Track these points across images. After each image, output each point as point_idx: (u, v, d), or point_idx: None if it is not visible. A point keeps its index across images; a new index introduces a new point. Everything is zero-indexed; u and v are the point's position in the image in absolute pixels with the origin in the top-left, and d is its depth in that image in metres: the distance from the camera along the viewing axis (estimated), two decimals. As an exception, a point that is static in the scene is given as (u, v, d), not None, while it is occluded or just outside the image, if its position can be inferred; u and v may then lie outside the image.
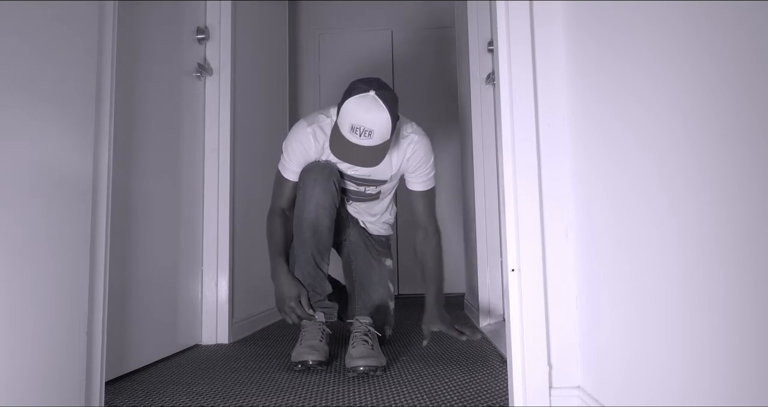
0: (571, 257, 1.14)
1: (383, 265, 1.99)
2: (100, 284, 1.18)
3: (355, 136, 1.55)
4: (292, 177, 1.82)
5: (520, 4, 1.18)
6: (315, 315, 1.72)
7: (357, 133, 1.54)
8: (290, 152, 1.78)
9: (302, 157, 1.77)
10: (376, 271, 1.97)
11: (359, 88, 1.56)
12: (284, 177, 1.83)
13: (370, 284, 1.96)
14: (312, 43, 3.97)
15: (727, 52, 0.58)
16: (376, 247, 2.01)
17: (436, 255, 1.85)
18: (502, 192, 1.21)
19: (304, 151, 1.76)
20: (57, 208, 1.03)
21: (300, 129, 1.76)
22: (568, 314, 1.13)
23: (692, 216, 0.65)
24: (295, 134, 1.77)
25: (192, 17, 2.04)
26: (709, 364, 0.63)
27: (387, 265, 2.01)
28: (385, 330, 1.90)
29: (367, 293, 1.96)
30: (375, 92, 1.54)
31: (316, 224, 1.75)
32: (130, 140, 1.57)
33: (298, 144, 1.76)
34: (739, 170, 0.56)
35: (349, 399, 1.28)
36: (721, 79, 0.59)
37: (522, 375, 1.12)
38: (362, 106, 1.53)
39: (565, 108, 1.16)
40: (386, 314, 1.93)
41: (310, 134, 1.75)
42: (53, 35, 1.03)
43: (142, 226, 1.63)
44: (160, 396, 1.33)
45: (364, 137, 1.54)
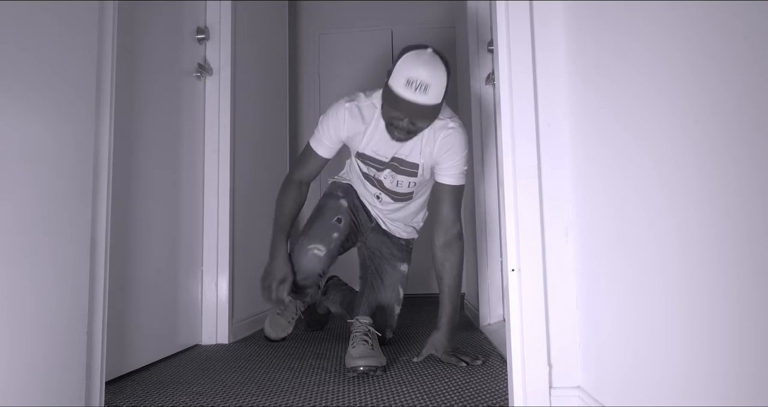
0: (571, 257, 1.14)
1: (397, 269, 1.99)
2: (100, 284, 1.18)
3: (410, 91, 1.48)
4: (320, 151, 1.79)
5: (520, 4, 1.18)
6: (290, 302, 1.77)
7: (413, 87, 1.48)
8: (324, 125, 1.76)
9: (334, 132, 1.74)
10: (388, 274, 1.98)
11: (415, 47, 1.54)
12: (313, 149, 1.80)
13: (380, 285, 1.97)
14: (312, 43, 3.97)
15: (727, 52, 0.58)
16: (393, 251, 2.01)
17: (457, 268, 1.72)
18: (502, 192, 1.21)
19: (337, 125, 1.73)
20: (57, 208, 1.03)
21: (339, 105, 1.74)
22: (568, 314, 1.13)
23: (692, 216, 0.65)
24: (334, 108, 1.75)
25: (192, 17, 2.04)
26: (708, 364, 0.63)
27: (401, 270, 2.00)
28: (386, 333, 1.89)
29: (374, 293, 1.96)
30: (432, 49, 1.52)
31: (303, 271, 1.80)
32: (130, 139, 1.57)
33: (334, 118, 1.73)
34: (739, 169, 0.56)
35: (349, 399, 1.28)
36: (720, 79, 0.59)
37: (522, 375, 1.12)
38: (420, 58, 1.49)
39: (565, 108, 1.16)
40: (389, 316, 1.93)
41: (347, 110, 1.72)
42: (53, 35, 1.03)
43: (142, 226, 1.63)
44: (160, 396, 1.33)
45: (419, 92, 1.48)
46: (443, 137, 1.68)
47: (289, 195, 1.82)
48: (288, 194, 1.82)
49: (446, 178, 1.73)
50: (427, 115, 1.54)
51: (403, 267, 2.01)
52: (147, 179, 1.67)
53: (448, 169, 1.72)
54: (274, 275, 1.73)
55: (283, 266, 1.75)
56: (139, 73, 1.63)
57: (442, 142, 1.68)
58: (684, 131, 0.67)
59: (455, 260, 1.72)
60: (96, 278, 1.17)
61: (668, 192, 0.71)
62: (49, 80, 1.01)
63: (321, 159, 1.81)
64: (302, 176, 1.84)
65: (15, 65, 0.93)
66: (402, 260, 2.01)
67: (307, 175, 1.84)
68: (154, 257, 1.71)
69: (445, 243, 1.72)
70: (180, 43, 1.93)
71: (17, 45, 0.93)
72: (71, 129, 1.07)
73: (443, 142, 1.68)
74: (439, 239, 1.73)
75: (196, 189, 2.04)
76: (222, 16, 2.15)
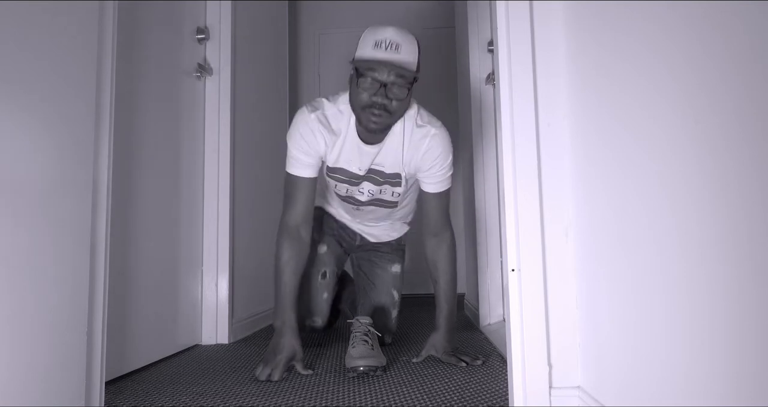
0: (571, 257, 1.14)
1: (388, 271, 1.97)
2: (100, 284, 1.18)
3: (380, 51, 1.41)
4: (305, 172, 1.59)
5: (520, 4, 1.18)
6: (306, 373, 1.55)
7: (382, 47, 1.41)
8: (296, 143, 1.58)
9: (311, 146, 1.58)
10: (380, 277, 1.96)
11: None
12: (295, 176, 1.59)
13: (372, 289, 1.96)
14: (312, 43, 3.97)
15: (727, 52, 0.58)
16: (383, 255, 1.99)
17: (451, 270, 1.70)
18: (502, 192, 1.21)
19: (312, 138, 1.57)
20: (57, 208, 1.03)
21: (305, 116, 1.58)
22: (568, 314, 1.13)
23: (692, 216, 0.65)
24: (301, 121, 1.58)
25: (192, 17, 2.04)
26: (708, 364, 0.63)
27: (393, 271, 1.97)
28: (384, 338, 1.87)
29: (369, 298, 1.96)
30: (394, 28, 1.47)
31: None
32: (130, 140, 1.57)
33: (307, 132, 1.57)
34: (739, 169, 0.56)
35: (349, 399, 1.28)
36: (720, 78, 0.59)
37: (522, 375, 1.12)
38: (381, 27, 1.46)
39: (565, 108, 1.16)
40: (387, 318, 1.92)
41: (316, 121, 1.57)
42: (53, 35, 1.03)
43: (142, 226, 1.63)
44: (160, 396, 1.33)
45: (391, 51, 1.41)
46: (428, 145, 1.59)
47: (288, 253, 1.58)
48: (286, 252, 1.58)
49: (431, 186, 1.66)
50: (404, 75, 1.44)
51: (395, 268, 1.98)
52: (147, 179, 1.67)
53: (434, 176, 1.64)
54: (282, 354, 1.50)
55: (291, 342, 1.52)
56: (139, 73, 1.63)
57: (427, 149, 1.60)
58: (684, 131, 0.67)
59: (448, 262, 1.70)
60: (96, 278, 1.17)
61: (668, 192, 0.71)
62: (49, 80, 1.01)
63: (309, 182, 1.61)
64: (298, 217, 1.60)
65: (15, 65, 0.93)
66: (393, 261, 1.99)
67: (303, 211, 1.61)
68: (154, 257, 1.71)
69: (436, 247, 1.71)
70: (180, 43, 1.93)
71: (17, 45, 0.93)
72: (71, 129, 1.07)
73: (429, 149, 1.60)
74: (430, 243, 1.71)
75: (196, 189, 2.04)
76: (222, 16, 2.15)
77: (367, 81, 1.46)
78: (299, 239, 1.61)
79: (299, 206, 1.60)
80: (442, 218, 1.70)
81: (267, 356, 1.52)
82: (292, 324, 1.54)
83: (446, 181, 1.67)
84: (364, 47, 1.46)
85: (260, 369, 1.49)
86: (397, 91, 1.47)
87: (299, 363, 1.53)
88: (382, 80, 1.45)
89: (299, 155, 1.59)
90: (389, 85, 1.46)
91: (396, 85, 1.46)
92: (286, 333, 1.52)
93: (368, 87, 1.46)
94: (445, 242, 1.71)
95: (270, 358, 1.50)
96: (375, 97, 1.46)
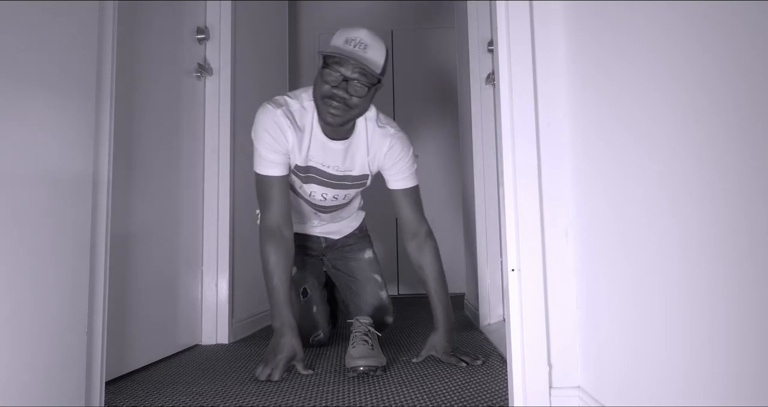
0: (571, 257, 1.14)
1: (362, 260, 2.00)
2: (100, 284, 1.18)
3: (349, 46, 1.48)
4: (276, 171, 1.58)
5: (520, 4, 1.18)
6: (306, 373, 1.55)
7: (352, 44, 1.48)
8: (264, 141, 1.56)
9: (279, 143, 1.56)
10: (357, 269, 1.99)
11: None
12: (266, 175, 1.58)
13: (355, 282, 1.98)
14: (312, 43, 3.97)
15: (727, 52, 0.58)
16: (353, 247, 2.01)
17: (436, 267, 1.71)
18: (502, 192, 1.21)
19: (278, 134, 1.55)
20: (57, 208, 1.03)
21: (269, 112, 1.56)
22: (568, 314, 1.13)
23: (692, 216, 0.65)
24: (266, 117, 1.56)
25: (192, 17, 2.04)
26: (708, 364, 0.63)
27: (366, 257, 2.00)
28: (386, 319, 1.91)
29: (355, 293, 1.98)
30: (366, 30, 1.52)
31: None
32: (130, 139, 1.57)
33: (273, 127, 1.55)
34: (739, 169, 0.56)
35: (349, 399, 1.28)
36: (720, 78, 0.59)
37: (522, 375, 1.12)
38: (354, 28, 1.51)
39: (565, 108, 1.16)
40: (383, 307, 1.94)
41: (283, 116, 1.55)
42: (53, 35, 1.03)
43: (142, 226, 1.63)
44: (160, 396, 1.33)
45: (359, 49, 1.48)
46: (390, 143, 1.66)
47: (275, 255, 1.57)
48: (272, 255, 1.57)
49: (400, 183, 1.70)
50: (366, 74, 1.48)
51: (368, 254, 2.01)
52: (147, 179, 1.67)
53: (398, 173, 1.69)
54: (282, 354, 1.50)
55: (291, 342, 1.51)
56: (139, 74, 1.63)
57: (389, 150, 1.66)
58: (684, 130, 0.67)
59: (431, 260, 1.71)
60: (96, 278, 1.17)
61: (668, 192, 0.71)
62: (49, 81, 1.01)
63: (282, 180, 1.60)
64: (277, 218, 1.59)
65: (14, 66, 0.93)
66: (363, 248, 2.02)
67: (282, 211, 1.59)
68: (154, 257, 1.71)
69: (417, 246, 1.72)
70: (180, 43, 1.93)
71: (17, 45, 0.93)
72: (71, 129, 1.07)
73: (390, 150, 1.66)
74: (411, 244, 1.73)
75: (196, 189, 2.04)
76: (222, 16, 2.15)
77: (332, 73, 1.49)
78: (283, 240, 1.59)
79: (276, 206, 1.59)
80: (416, 216, 1.73)
81: (267, 356, 1.52)
82: (291, 323, 1.54)
83: (413, 176, 1.72)
84: (335, 42, 1.51)
85: (260, 369, 1.49)
86: (358, 88, 1.50)
87: (300, 362, 1.53)
88: (346, 74, 1.48)
89: (268, 153, 1.57)
90: (351, 81, 1.49)
91: (358, 82, 1.49)
92: (286, 333, 1.52)
93: (332, 79, 1.49)
94: (426, 242, 1.72)
95: (270, 358, 1.50)
96: (336, 89, 1.50)
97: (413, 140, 4.09)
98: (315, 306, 1.94)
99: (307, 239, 2.00)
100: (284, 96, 1.63)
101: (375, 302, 1.96)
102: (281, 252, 1.58)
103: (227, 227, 2.10)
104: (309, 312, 1.93)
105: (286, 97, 1.62)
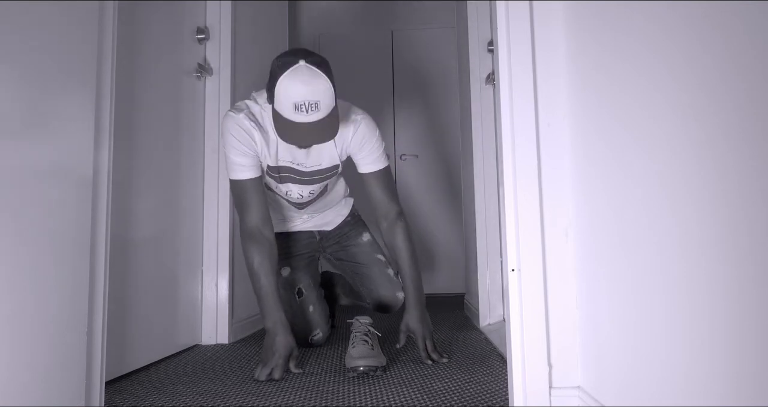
0: (571, 257, 1.14)
1: (361, 244, 2.00)
2: (100, 284, 1.18)
3: (301, 114, 1.40)
4: (248, 174, 1.60)
5: (520, 4, 1.18)
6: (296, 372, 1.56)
7: (303, 110, 1.40)
8: (232, 146, 1.57)
9: (248, 146, 1.58)
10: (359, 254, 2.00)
11: (286, 62, 1.41)
12: (240, 180, 1.60)
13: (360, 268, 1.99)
14: (312, 43, 3.97)
15: (727, 52, 0.58)
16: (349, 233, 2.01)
17: (408, 247, 1.72)
18: (502, 192, 1.21)
19: (245, 138, 1.57)
20: (57, 208, 1.03)
21: (233, 118, 1.57)
22: (568, 314, 1.13)
23: (692, 216, 0.65)
24: (231, 123, 1.57)
25: (192, 17, 2.04)
26: (708, 364, 0.63)
27: (365, 240, 2.01)
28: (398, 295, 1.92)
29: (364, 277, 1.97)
30: (304, 61, 1.40)
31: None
32: (130, 139, 1.57)
33: (239, 132, 1.56)
34: (739, 169, 0.56)
35: (349, 399, 1.28)
36: (720, 78, 0.59)
37: (522, 375, 1.12)
38: (297, 78, 1.39)
39: (565, 108, 1.16)
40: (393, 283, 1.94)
41: (246, 119, 1.57)
42: (54, 35, 1.03)
43: (142, 226, 1.63)
44: (160, 396, 1.33)
45: (311, 112, 1.40)
46: (354, 132, 1.66)
47: (258, 256, 1.58)
48: (256, 256, 1.58)
49: (369, 166, 1.72)
50: (325, 129, 1.44)
51: (365, 237, 2.02)
52: (147, 179, 1.67)
53: (367, 157, 1.70)
54: (279, 352, 1.51)
55: (286, 339, 1.53)
56: (139, 74, 1.63)
57: (355, 137, 1.67)
58: (684, 130, 0.67)
59: (402, 240, 1.73)
60: (96, 278, 1.17)
61: (668, 192, 0.71)
62: (49, 80, 1.01)
63: (256, 182, 1.62)
64: (257, 220, 1.61)
65: (15, 66, 0.93)
66: (359, 233, 2.02)
67: (260, 212, 1.61)
68: (154, 257, 1.71)
69: (387, 227, 1.75)
70: (180, 43, 1.93)
71: (18, 45, 0.93)
72: (71, 128, 1.07)
73: (355, 135, 1.66)
74: (382, 225, 1.76)
75: (196, 189, 2.04)
76: (222, 16, 2.15)
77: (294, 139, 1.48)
78: (265, 240, 1.61)
79: (254, 208, 1.61)
80: (387, 197, 1.74)
81: (265, 356, 1.53)
82: (283, 321, 1.55)
83: (382, 158, 1.73)
84: (284, 105, 1.41)
85: (260, 369, 1.50)
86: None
87: (294, 360, 1.55)
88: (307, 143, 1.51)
89: (238, 158, 1.59)
90: None
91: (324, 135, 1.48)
92: (279, 332, 1.53)
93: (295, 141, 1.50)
94: (396, 223, 1.74)
95: (269, 357, 1.51)
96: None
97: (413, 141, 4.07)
98: (311, 306, 1.94)
99: (298, 236, 2.00)
100: (244, 101, 1.64)
101: (384, 280, 1.95)
102: (264, 253, 1.59)
103: (227, 227, 2.10)
104: (305, 313, 1.93)
105: (246, 101, 1.63)
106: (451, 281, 3.70)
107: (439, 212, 3.75)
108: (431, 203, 3.76)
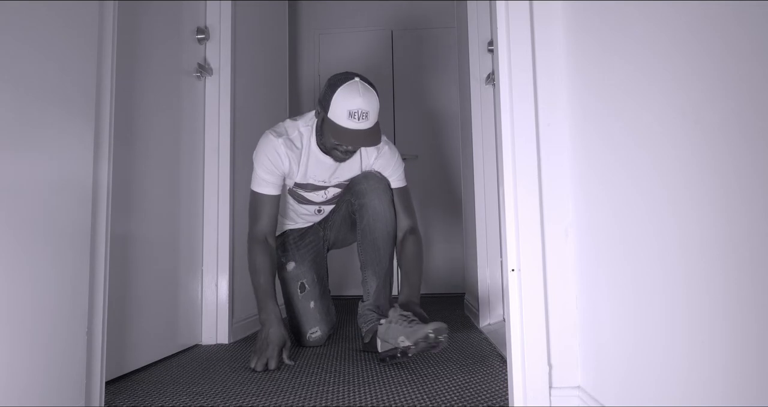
0: (571, 257, 1.14)
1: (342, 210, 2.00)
2: (100, 284, 1.18)
3: (353, 121, 1.63)
4: (269, 190, 1.80)
5: (520, 4, 1.18)
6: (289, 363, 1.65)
7: (355, 117, 1.62)
8: (262, 164, 1.78)
9: (276, 167, 1.78)
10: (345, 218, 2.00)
11: (343, 78, 1.66)
12: (260, 193, 1.80)
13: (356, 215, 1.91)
14: (312, 43, 3.97)
15: (726, 52, 0.58)
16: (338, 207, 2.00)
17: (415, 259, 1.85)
18: (502, 192, 1.21)
19: (277, 160, 1.78)
20: (57, 207, 1.03)
21: (270, 140, 1.78)
22: (568, 314, 1.13)
23: (692, 216, 0.65)
24: (267, 145, 1.78)
25: (192, 17, 2.04)
26: (708, 364, 0.63)
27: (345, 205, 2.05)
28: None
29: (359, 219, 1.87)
30: (359, 78, 1.66)
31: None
32: (130, 139, 1.57)
33: (273, 154, 1.77)
34: (740, 169, 0.56)
35: (349, 399, 1.28)
36: (720, 78, 0.59)
37: (522, 375, 1.12)
38: (353, 91, 1.63)
39: (565, 108, 1.16)
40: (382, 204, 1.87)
41: (282, 145, 1.77)
42: (53, 35, 1.03)
43: (142, 226, 1.63)
44: (160, 396, 1.33)
45: (362, 120, 1.63)
46: (377, 155, 1.88)
47: (260, 259, 1.76)
48: (259, 257, 1.76)
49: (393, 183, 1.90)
50: (372, 136, 1.67)
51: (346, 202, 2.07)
52: (147, 179, 1.67)
53: (389, 177, 1.90)
54: (273, 343, 1.63)
55: (280, 331, 1.66)
56: (139, 74, 1.63)
57: (378, 159, 1.88)
58: (684, 130, 0.67)
59: (411, 250, 1.85)
60: (96, 278, 1.17)
61: (668, 192, 0.71)
62: (49, 81, 1.01)
63: (273, 199, 1.81)
64: (264, 228, 1.79)
65: (14, 66, 0.93)
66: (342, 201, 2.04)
67: (269, 224, 1.80)
68: (154, 257, 1.71)
69: (401, 238, 1.89)
70: (180, 43, 1.93)
71: (17, 46, 0.93)
72: (71, 128, 1.07)
73: (379, 159, 1.88)
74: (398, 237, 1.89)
75: (196, 189, 2.04)
76: (222, 16, 2.15)
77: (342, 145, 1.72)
78: (269, 247, 1.79)
79: (265, 219, 1.80)
80: (403, 213, 1.90)
81: (259, 346, 1.62)
82: (276, 314, 1.69)
83: (402, 178, 1.93)
84: (339, 112, 1.63)
85: (255, 360, 1.58)
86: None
87: (287, 351, 1.64)
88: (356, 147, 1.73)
89: (265, 175, 1.79)
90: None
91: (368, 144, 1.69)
92: (272, 324, 1.66)
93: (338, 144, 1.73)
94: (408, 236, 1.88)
95: (263, 348, 1.62)
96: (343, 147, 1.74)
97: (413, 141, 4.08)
98: (312, 301, 1.97)
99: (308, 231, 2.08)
100: (284, 122, 1.85)
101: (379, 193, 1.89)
102: (267, 256, 1.78)
103: (227, 227, 2.10)
104: (306, 307, 1.96)
105: (286, 124, 1.84)
106: (450, 281, 3.70)
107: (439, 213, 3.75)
108: (431, 204, 3.76)
